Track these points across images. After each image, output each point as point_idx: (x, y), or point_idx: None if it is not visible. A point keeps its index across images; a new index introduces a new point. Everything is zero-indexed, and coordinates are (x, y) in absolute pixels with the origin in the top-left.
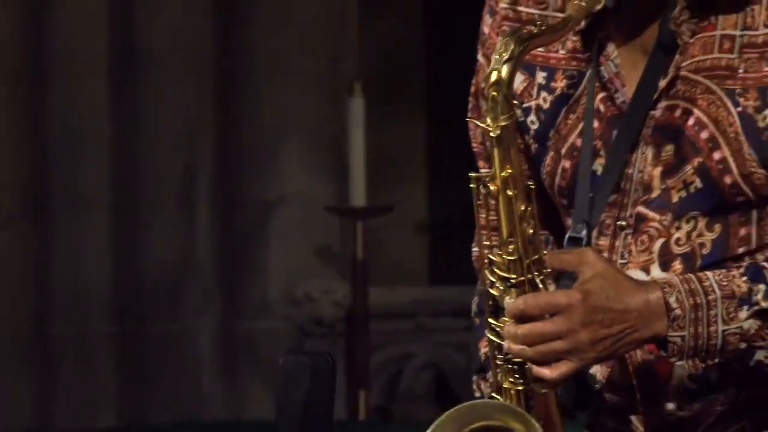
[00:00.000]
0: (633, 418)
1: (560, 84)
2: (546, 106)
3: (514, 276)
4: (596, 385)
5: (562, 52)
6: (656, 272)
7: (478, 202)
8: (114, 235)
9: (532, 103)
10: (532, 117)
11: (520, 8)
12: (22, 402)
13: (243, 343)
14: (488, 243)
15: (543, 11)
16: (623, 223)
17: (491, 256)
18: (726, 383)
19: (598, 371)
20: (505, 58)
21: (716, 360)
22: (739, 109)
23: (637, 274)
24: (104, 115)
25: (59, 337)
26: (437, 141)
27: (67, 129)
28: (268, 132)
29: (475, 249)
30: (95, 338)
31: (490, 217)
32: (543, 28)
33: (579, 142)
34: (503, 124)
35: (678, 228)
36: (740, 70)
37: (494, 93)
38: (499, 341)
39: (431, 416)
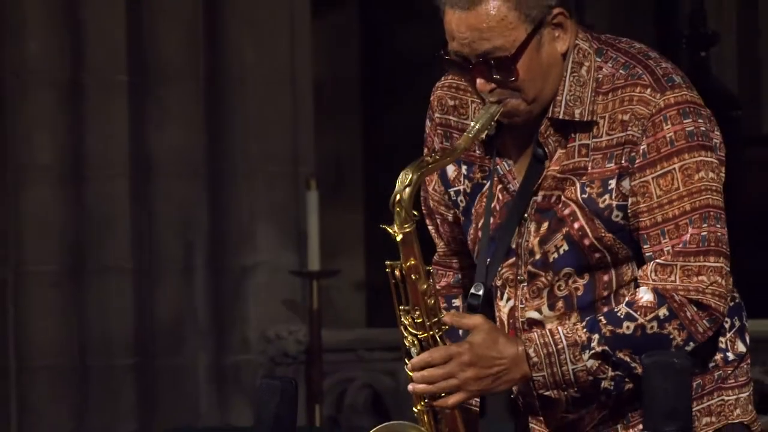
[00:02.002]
0: (537, 421)
1: (477, 175)
2: (468, 190)
3: (420, 333)
4: (512, 396)
5: (478, 152)
6: (546, 311)
7: (392, 281)
8: (134, 292)
9: (460, 187)
10: (460, 197)
11: (448, 117)
12: (65, 414)
13: (230, 371)
14: (402, 309)
15: (463, 120)
16: (521, 278)
17: (404, 320)
18: (598, 394)
19: (513, 387)
20: (406, 183)
21: (575, 389)
22: (586, 194)
23: (532, 314)
24: (126, 205)
25: (93, 367)
26: (372, 223)
27: (99, 215)
28: (247, 216)
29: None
30: (119, 368)
31: (402, 293)
32: (437, 158)
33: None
34: (406, 230)
35: (557, 279)
36: (589, 168)
37: (398, 209)
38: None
39: (368, 424)
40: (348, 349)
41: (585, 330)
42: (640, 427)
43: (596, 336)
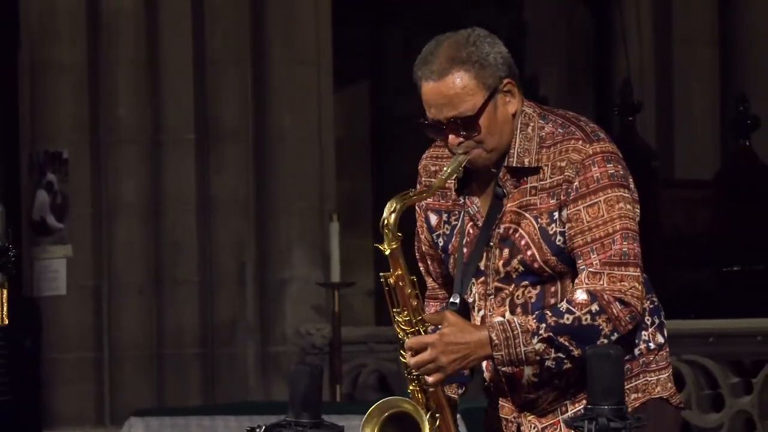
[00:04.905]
0: (506, 400)
1: (452, 220)
2: (447, 232)
3: (408, 328)
4: (485, 383)
5: (452, 201)
6: (508, 315)
7: (386, 288)
8: (199, 298)
9: (441, 231)
10: (441, 239)
11: (431, 179)
12: (144, 391)
13: (271, 359)
14: (394, 310)
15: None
16: (489, 291)
17: (397, 318)
18: (552, 379)
19: (486, 375)
20: (392, 210)
21: (525, 367)
22: (538, 225)
23: (498, 318)
24: (193, 232)
25: (167, 355)
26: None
27: (172, 240)
28: (284, 242)
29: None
30: (187, 356)
31: (393, 297)
32: (417, 193)
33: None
34: (393, 247)
35: (516, 291)
36: (538, 204)
37: (386, 230)
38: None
39: (376, 398)
40: (361, 342)
41: (535, 321)
42: (584, 402)
43: (543, 325)
